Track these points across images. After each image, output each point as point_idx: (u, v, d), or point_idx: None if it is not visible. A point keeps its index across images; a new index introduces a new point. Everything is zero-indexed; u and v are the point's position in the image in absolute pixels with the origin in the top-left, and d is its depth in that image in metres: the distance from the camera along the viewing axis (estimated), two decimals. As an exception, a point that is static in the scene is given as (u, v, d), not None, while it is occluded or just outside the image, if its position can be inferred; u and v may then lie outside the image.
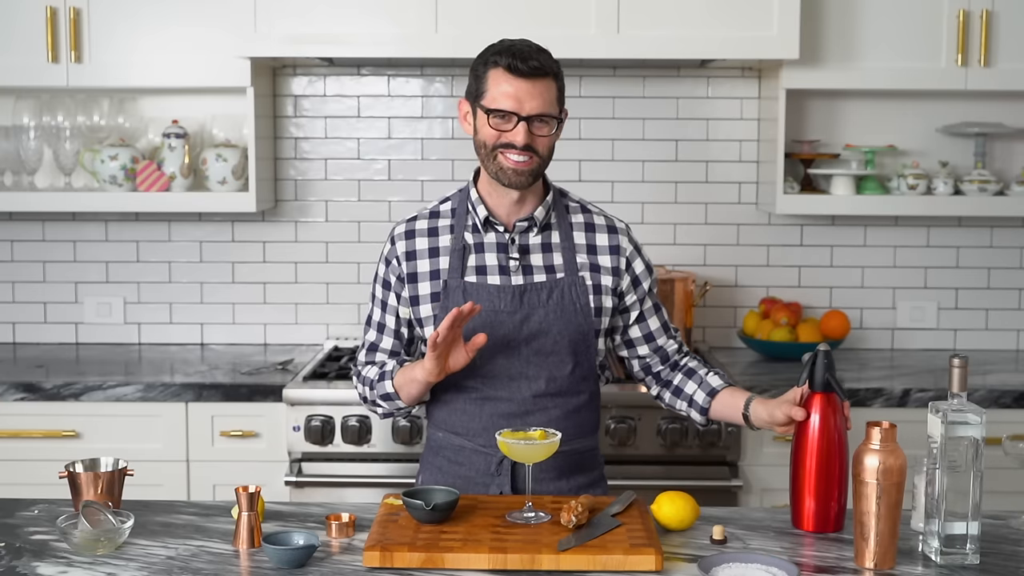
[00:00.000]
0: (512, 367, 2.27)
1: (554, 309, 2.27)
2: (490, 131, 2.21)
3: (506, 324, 2.26)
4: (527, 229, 2.31)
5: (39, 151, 3.63)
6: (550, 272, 2.30)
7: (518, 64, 2.17)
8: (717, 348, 3.80)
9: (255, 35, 3.32)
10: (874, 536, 1.89)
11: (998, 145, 3.75)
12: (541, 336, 2.27)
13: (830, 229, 3.80)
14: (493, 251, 2.30)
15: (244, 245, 3.82)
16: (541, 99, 2.19)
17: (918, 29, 3.43)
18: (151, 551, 1.96)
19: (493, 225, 2.31)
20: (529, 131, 2.19)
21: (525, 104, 2.18)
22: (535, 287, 2.28)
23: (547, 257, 2.31)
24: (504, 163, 2.21)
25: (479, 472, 2.31)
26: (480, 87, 2.23)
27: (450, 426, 2.34)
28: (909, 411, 3.19)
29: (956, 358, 1.92)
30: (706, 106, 3.76)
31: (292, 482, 3.15)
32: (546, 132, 2.22)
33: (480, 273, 2.29)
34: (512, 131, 2.19)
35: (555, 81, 2.23)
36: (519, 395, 2.28)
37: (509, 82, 2.18)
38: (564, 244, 2.32)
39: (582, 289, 2.30)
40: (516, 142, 2.19)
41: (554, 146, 2.26)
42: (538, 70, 2.18)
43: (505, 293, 2.27)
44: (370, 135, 3.79)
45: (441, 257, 2.32)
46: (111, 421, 3.25)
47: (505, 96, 2.18)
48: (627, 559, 1.86)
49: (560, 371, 2.29)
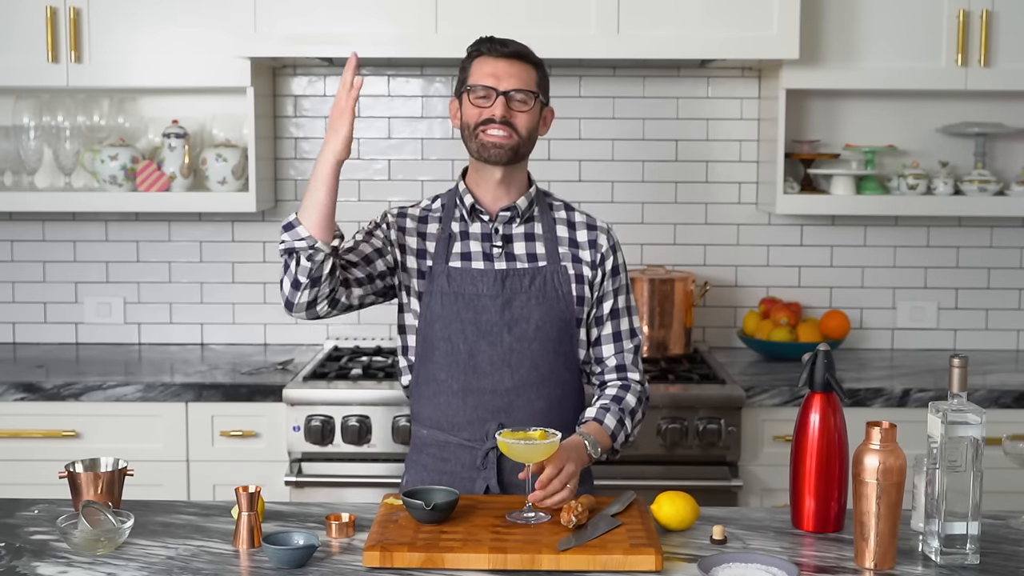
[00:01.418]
0: (495, 353, 2.29)
1: (536, 295, 2.31)
2: (472, 110, 2.31)
3: (489, 308, 2.30)
4: (510, 219, 2.36)
5: (39, 151, 3.63)
6: (532, 260, 2.35)
7: (497, 47, 2.31)
8: (717, 348, 3.80)
9: (255, 35, 3.32)
10: (874, 536, 1.89)
11: (998, 145, 3.75)
12: (523, 322, 2.30)
13: (830, 229, 3.80)
14: (478, 239, 2.36)
15: (244, 245, 3.82)
16: (519, 77, 2.30)
17: (918, 29, 3.43)
18: (151, 551, 1.96)
19: (478, 214, 2.36)
20: (508, 107, 2.28)
21: (503, 80, 2.29)
22: (517, 273, 2.32)
23: (530, 246, 2.36)
24: (485, 139, 2.29)
25: (465, 467, 2.32)
26: (464, 76, 2.35)
27: (434, 422, 2.35)
28: (909, 411, 3.19)
29: (956, 358, 1.93)
30: (706, 106, 3.76)
31: (292, 482, 3.15)
32: (524, 109, 2.30)
33: (465, 259, 2.34)
34: (491, 106, 2.28)
35: (535, 69, 2.34)
36: (502, 385, 2.29)
37: (489, 63, 2.31)
38: (547, 235, 2.38)
39: (564, 277, 2.34)
40: (495, 115, 2.27)
41: (535, 131, 2.34)
42: (517, 53, 2.31)
43: (487, 277, 2.31)
44: (370, 135, 3.79)
45: (428, 242, 2.37)
46: (111, 421, 3.25)
47: (484, 75, 2.30)
48: (627, 559, 1.86)
49: (543, 359, 2.31)
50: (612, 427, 2.31)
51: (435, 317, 2.32)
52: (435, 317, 2.32)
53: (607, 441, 2.29)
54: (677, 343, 3.57)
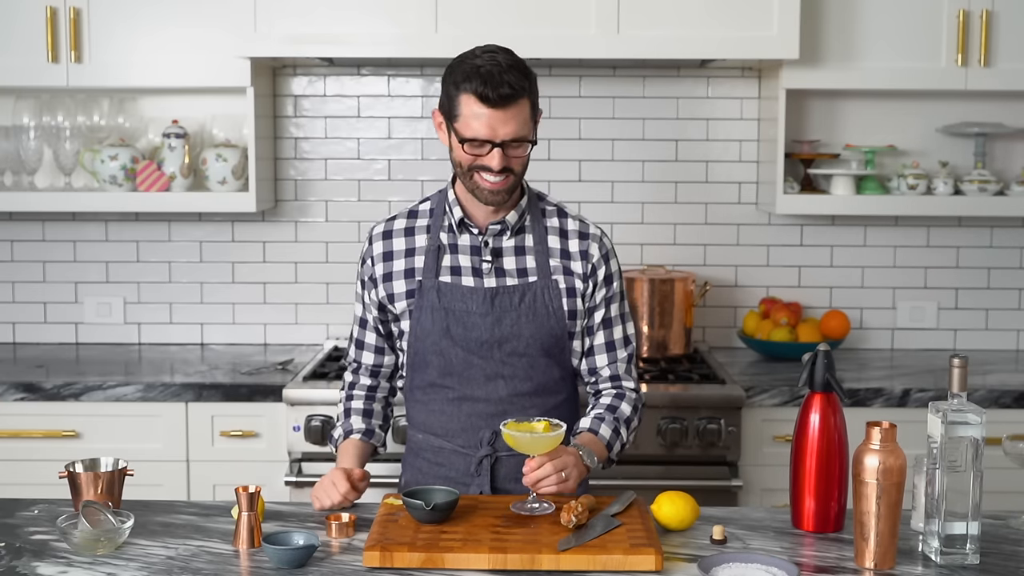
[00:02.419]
0: (488, 367, 2.28)
1: (526, 312, 2.28)
2: (465, 155, 2.21)
3: (479, 326, 2.27)
4: (500, 232, 2.32)
5: (39, 151, 3.63)
6: (522, 275, 2.30)
7: (488, 93, 2.14)
8: (717, 348, 3.80)
9: (255, 35, 3.32)
10: (874, 536, 1.89)
11: (998, 145, 3.75)
12: (513, 339, 2.28)
13: (830, 229, 3.80)
14: (467, 253, 2.31)
15: (244, 245, 3.82)
16: (514, 124, 2.17)
17: (918, 29, 3.43)
18: (151, 551, 1.96)
19: (468, 227, 2.32)
20: (504, 154, 2.19)
21: (499, 131, 2.16)
22: (507, 290, 2.28)
23: (520, 260, 2.32)
24: (480, 183, 2.22)
25: (459, 472, 2.32)
26: (452, 108, 2.21)
27: (429, 427, 2.35)
28: (909, 411, 3.19)
29: (956, 358, 1.92)
30: (706, 106, 3.76)
31: (292, 482, 3.15)
32: (520, 153, 2.21)
33: (455, 274, 2.30)
34: (487, 156, 2.19)
35: (528, 99, 2.19)
36: (496, 395, 2.29)
37: (481, 109, 2.15)
38: (538, 247, 2.32)
39: (555, 292, 2.30)
40: (492, 166, 2.19)
41: (529, 158, 2.25)
42: (509, 96, 2.15)
43: (477, 295, 2.28)
44: (370, 135, 3.79)
45: (416, 256, 2.34)
46: (111, 421, 3.25)
47: (478, 124, 2.16)
48: (627, 559, 1.86)
49: (535, 371, 2.30)
50: (607, 437, 2.29)
51: (426, 332, 2.30)
52: (426, 332, 2.30)
53: (603, 451, 2.28)
54: (677, 343, 3.57)
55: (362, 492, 2.20)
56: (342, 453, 2.35)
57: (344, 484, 2.15)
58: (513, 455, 2.27)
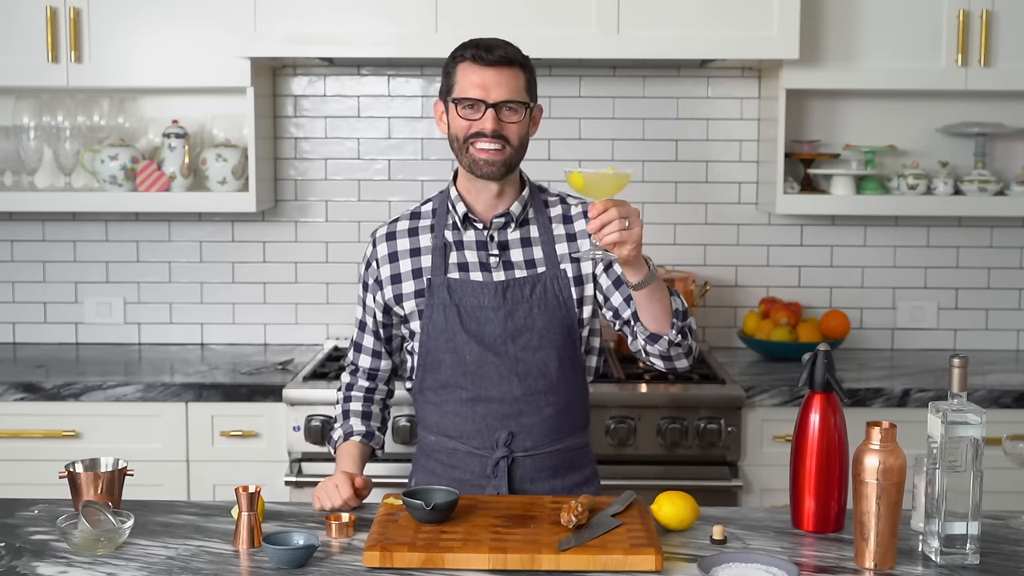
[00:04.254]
0: (502, 365, 2.27)
1: (537, 303, 2.28)
2: (461, 122, 2.23)
3: (492, 320, 2.27)
4: (504, 225, 2.32)
5: (39, 151, 3.63)
6: (531, 267, 2.31)
7: (483, 54, 2.21)
8: (717, 348, 3.80)
9: (255, 35, 3.32)
10: (874, 536, 1.89)
11: (998, 145, 3.75)
12: (527, 332, 2.27)
13: (830, 229, 3.80)
14: (473, 248, 2.32)
15: (244, 245, 3.82)
16: (508, 86, 2.21)
17: (918, 29, 3.43)
18: (151, 551, 1.96)
19: (472, 222, 2.32)
20: (498, 119, 2.21)
21: (492, 91, 2.20)
22: (517, 283, 2.29)
23: (527, 252, 2.32)
24: (476, 154, 2.23)
25: (474, 475, 2.31)
26: (450, 83, 2.27)
27: (442, 429, 2.33)
28: (909, 411, 3.19)
29: (956, 358, 1.92)
30: (706, 106, 3.76)
31: (292, 482, 3.15)
32: (515, 119, 2.23)
33: (463, 270, 2.30)
34: (481, 119, 2.21)
35: (523, 71, 2.25)
36: (511, 394, 2.28)
37: (476, 72, 2.21)
38: (543, 237, 2.32)
39: (564, 282, 2.30)
40: (485, 129, 2.20)
41: (527, 137, 2.27)
42: (504, 59, 2.21)
43: (488, 289, 2.28)
44: (370, 135, 3.79)
45: (423, 256, 2.34)
46: (111, 421, 3.25)
47: (472, 85, 2.21)
48: (627, 559, 1.86)
49: (549, 367, 2.29)
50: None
51: (438, 330, 2.29)
52: (438, 330, 2.29)
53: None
54: (677, 343, 3.57)
55: (363, 499, 2.20)
56: (342, 455, 2.35)
57: (348, 490, 2.15)
58: (529, 455, 2.27)
